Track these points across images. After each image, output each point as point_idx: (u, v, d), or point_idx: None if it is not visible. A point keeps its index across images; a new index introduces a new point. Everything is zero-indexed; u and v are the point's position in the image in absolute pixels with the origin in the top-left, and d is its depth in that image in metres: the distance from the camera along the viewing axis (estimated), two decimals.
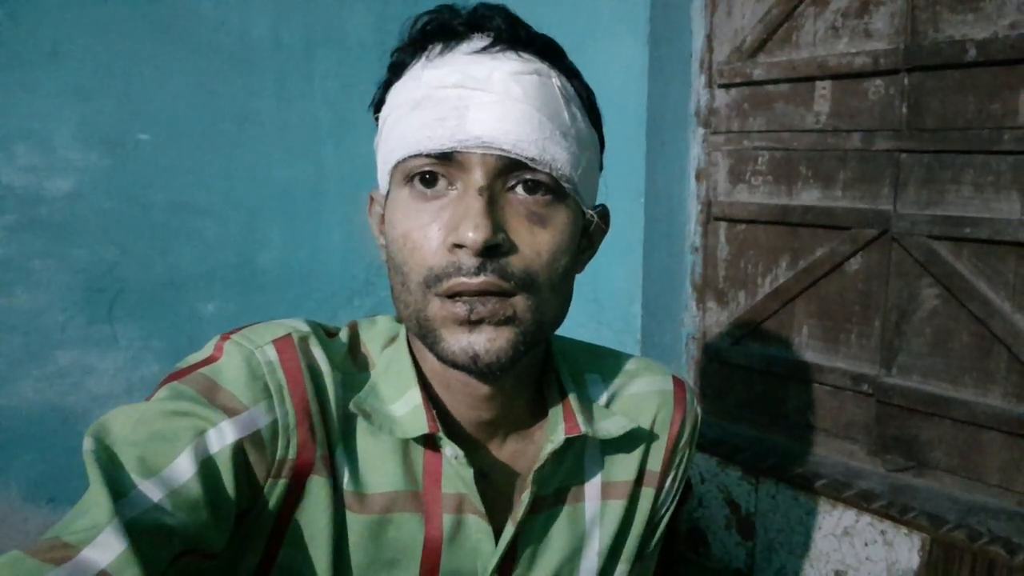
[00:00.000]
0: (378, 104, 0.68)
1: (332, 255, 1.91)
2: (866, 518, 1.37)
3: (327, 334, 0.71)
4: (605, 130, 0.72)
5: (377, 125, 0.68)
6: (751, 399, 1.75)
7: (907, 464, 1.48)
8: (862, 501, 1.38)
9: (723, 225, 1.77)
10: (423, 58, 0.63)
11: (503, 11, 0.63)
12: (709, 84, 1.75)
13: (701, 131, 1.78)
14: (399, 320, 0.74)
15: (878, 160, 1.48)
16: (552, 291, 0.63)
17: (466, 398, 0.68)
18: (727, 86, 1.72)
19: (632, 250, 1.74)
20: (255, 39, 1.72)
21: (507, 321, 0.60)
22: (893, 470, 1.49)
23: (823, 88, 1.55)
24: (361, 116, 1.87)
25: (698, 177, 1.80)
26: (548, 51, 0.64)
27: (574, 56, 0.68)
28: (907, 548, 1.31)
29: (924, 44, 1.38)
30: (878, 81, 1.47)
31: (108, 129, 1.54)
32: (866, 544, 1.37)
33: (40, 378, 1.51)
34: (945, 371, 1.42)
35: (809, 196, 1.61)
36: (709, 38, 1.73)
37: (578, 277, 0.69)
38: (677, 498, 0.83)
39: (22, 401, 1.49)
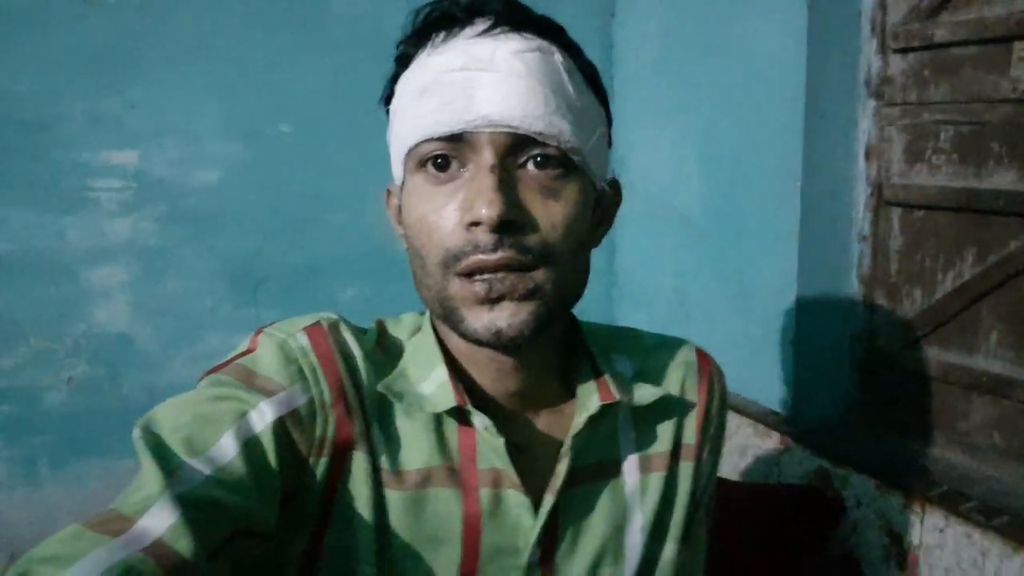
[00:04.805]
0: (387, 97, 0.72)
1: None
2: None
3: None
4: (756, 102, 0.71)
5: (388, 118, 0.72)
6: (924, 412, 1.54)
7: None
8: None
9: (897, 211, 1.57)
10: (428, 47, 0.66)
11: None
12: (882, 48, 1.55)
13: (872, 103, 1.58)
14: (421, 314, 0.79)
15: None
16: (571, 263, 0.66)
17: (493, 372, 0.71)
18: (903, 50, 1.51)
19: (786, 238, 1.60)
20: (387, 30, 1.74)
21: (529, 295, 0.63)
22: None
23: (1022, 50, 1.32)
24: None
25: (868, 156, 1.61)
26: (548, 29, 0.67)
27: (722, 23, 0.62)
28: None
29: None
30: None
31: (249, 122, 1.61)
32: None
33: (190, 358, 1.63)
34: None
35: (1003, 179, 1.38)
36: None
37: (722, 263, 0.67)
38: (715, 476, 0.85)
39: (175, 377, 1.61)
